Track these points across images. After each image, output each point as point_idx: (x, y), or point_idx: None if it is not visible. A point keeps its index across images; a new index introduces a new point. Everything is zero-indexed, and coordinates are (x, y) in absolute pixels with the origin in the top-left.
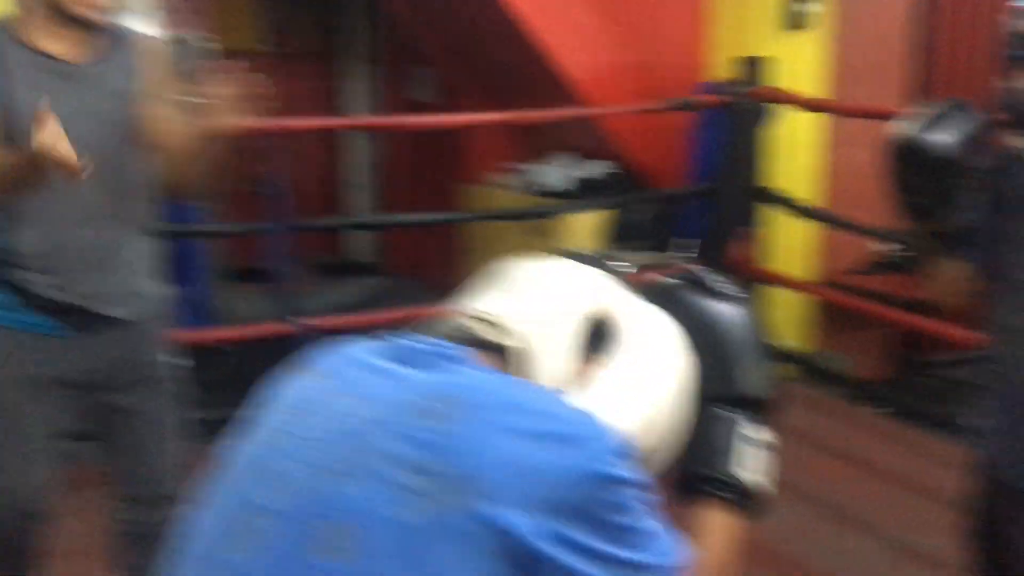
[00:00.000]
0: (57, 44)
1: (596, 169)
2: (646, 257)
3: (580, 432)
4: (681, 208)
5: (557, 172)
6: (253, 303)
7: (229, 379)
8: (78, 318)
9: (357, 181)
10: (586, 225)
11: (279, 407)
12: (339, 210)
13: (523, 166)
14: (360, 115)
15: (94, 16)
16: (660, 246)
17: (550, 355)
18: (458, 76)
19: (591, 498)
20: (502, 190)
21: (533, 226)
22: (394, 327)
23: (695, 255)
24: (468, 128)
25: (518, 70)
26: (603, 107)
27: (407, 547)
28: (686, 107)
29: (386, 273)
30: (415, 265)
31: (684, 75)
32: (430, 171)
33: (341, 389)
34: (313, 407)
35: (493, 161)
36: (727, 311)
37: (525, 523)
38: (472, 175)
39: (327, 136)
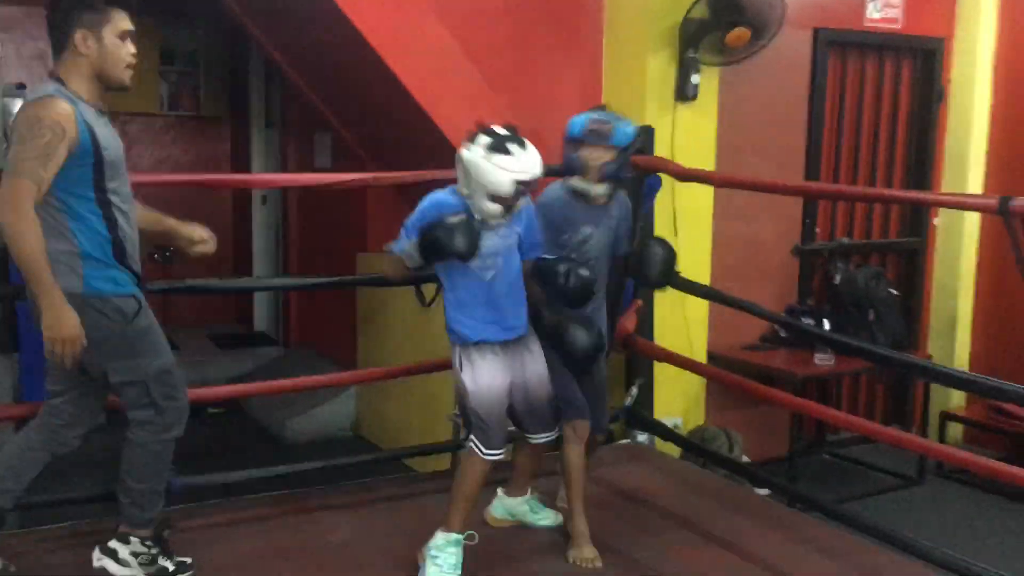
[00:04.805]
0: (100, 99)
1: None
2: None
3: None
4: None
5: None
6: None
7: None
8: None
9: (263, 247)
10: None
11: None
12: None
13: None
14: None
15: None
16: None
17: None
18: (354, 142)
19: None
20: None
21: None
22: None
23: None
24: (363, 194)
25: (408, 135)
26: None
27: None
28: (560, 173)
29: (285, 343)
30: (313, 335)
31: None
32: (326, 238)
33: None
34: None
35: (388, 228)
36: None
37: None
38: (366, 242)
39: (235, 202)
